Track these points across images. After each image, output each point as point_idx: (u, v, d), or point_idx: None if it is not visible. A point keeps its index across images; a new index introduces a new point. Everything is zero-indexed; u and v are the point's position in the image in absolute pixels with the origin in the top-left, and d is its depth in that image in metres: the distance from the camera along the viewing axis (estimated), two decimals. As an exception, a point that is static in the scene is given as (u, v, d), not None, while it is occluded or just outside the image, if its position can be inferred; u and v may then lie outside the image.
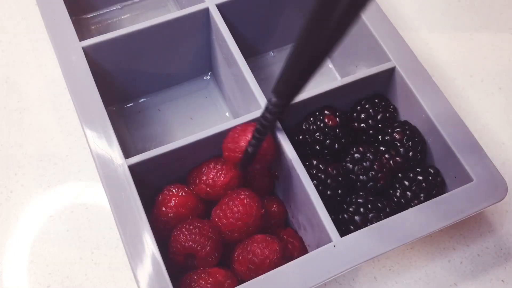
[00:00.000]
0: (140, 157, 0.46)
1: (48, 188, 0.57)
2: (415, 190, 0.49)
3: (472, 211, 0.45)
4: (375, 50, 0.54)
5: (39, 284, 0.52)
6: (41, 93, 0.62)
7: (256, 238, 0.46)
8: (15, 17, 0.67)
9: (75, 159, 0.58)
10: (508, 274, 0.54)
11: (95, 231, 0.54)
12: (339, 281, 0.53)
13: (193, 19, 0.54)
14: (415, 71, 0.52)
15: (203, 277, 0.44)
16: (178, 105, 0.61)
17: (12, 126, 0.60)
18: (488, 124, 0.63)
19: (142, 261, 0.41)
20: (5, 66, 0.64)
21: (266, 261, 0.44)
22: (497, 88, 0.66)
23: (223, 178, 0.49)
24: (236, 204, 0.47)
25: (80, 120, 0.47)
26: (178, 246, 0.45)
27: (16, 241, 0.54)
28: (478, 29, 0.70)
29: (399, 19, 0.70)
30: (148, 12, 0.67)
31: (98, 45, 0.51)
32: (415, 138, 0.51)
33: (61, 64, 0.50)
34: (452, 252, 0.55)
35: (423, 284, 0.53)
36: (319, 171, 0.49)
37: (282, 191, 0.53)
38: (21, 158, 0.58)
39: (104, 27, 0.65)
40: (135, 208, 0.43)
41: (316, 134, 0.51)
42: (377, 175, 0.50)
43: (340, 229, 0.46)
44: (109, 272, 0.52)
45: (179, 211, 0.47)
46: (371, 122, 0.53)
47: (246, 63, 0.51)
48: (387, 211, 0.48)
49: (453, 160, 0.48)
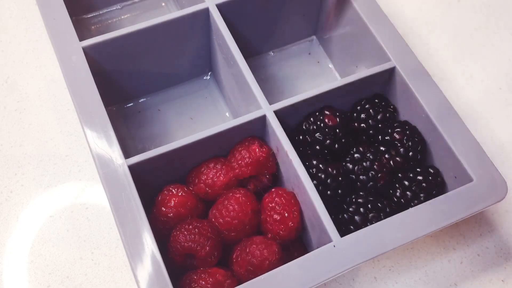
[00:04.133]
0: (140, 157, 0.46)
1: (48, 188, 0.57)
2: (415, 190, 0.49)
3: (472, 211, 0.45)
4: (375, 50, 0.54)
5: (39, 284, 0.52)
6: (41, 93, 0.62)
7: (255, 239, 0.46)
8: (15, 17, 0.67)
9: (75, 159, 0.58)
10: (508, 274, 0.54)
11: (95, 231, 0.54)
12: (339, 281, 0.53)
13: (193, 19, 0.54)
14: (415, 71, 0.52)
15: (203, 277, 0.44)
16: (178, 105, 0.61)
17: (12, 126, 0.60)
18: (488, 124, 0.63)
19: (142, 261, 0.41)
20: (5, 66, 0.64)
21: (265, 262, 0.44)
22: (497, 88, 0.66)
23: (222, 178, 0.49)
24: (231, 203, 0.47)
25: (80, 120, 0.47)
26: (177, 246, 0.45)
27: (16, 241, 0.54)
28: (478, 29, 0.70)
29: (399, 19, 0.70)
30: (148, 12, 0.67)
31: (98, 45, 0.51)
32: (415, 138, 0.51)
33: (61, 64, 0.50)
34: (452, 252, 0.55)
35: (423, 284, 0.53)
36: (319, 171, 0.49)
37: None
38: (21, 158, 0.58)
39: (104, 27, 0.65)
40: (135, 208, 0.43)
41: (316, 134, 0.51)
42: (377, 175, 0.50)
43: (340, 229, 0.46)
44: (109, 272, 0.52)
45: (178, 211, 0.47)
46: (371, 122, 0.53)
47: (246, 63, 0.51)
48: (387, 211, 0.48)
49: (453, 160, 0.48)
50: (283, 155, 0.49)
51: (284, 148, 0.47)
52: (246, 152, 0.49)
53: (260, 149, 0.49)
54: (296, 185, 0.48)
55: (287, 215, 0.47)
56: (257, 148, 0.49)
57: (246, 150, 0.49)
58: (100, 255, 0.53)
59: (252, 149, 0.49)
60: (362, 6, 0.55)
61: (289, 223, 0.47)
